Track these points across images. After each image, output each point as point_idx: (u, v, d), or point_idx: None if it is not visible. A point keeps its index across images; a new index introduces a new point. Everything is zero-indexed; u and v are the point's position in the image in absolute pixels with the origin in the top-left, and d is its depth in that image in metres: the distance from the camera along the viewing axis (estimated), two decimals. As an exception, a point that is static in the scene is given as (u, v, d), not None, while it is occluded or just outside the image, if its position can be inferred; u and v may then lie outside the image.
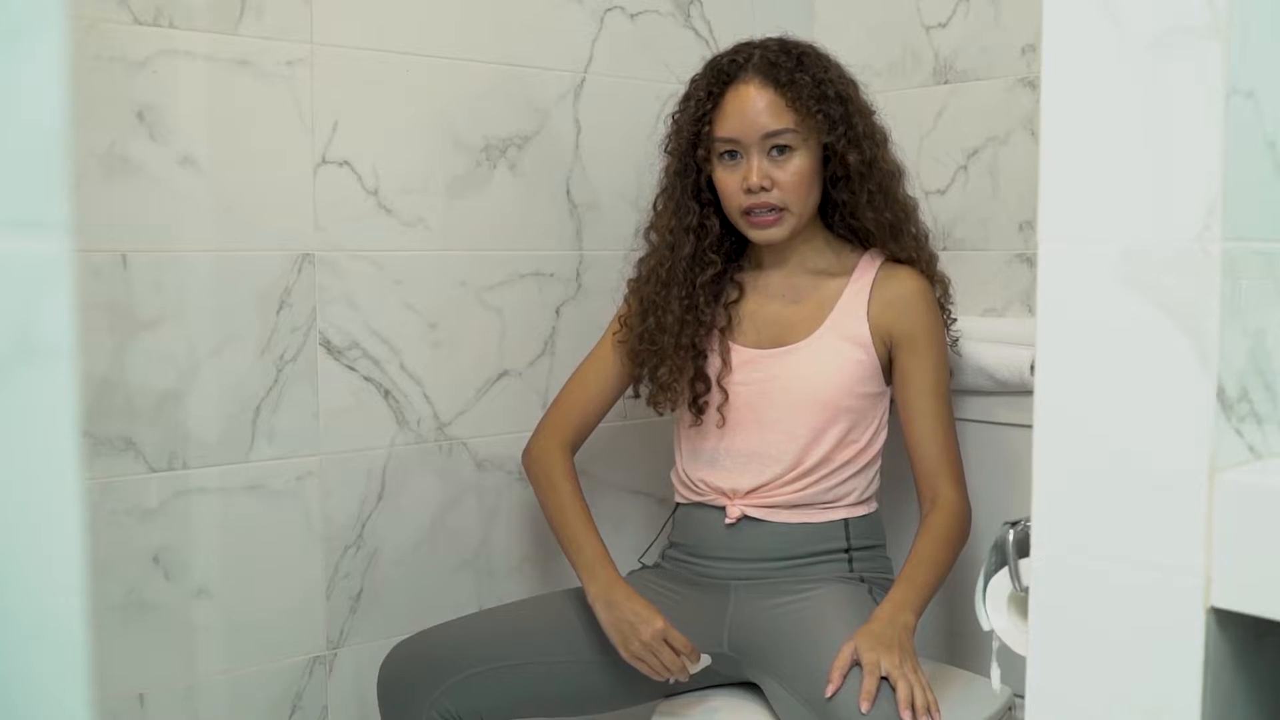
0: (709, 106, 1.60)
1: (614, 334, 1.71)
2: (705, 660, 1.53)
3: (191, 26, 1.51)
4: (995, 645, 1.07)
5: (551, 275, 1.88)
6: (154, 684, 1.55)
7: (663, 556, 1.73)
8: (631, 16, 1.92)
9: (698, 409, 1.63)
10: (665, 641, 1.49)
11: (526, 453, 1.72)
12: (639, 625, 1.49)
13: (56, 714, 0.44)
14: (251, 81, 1.57)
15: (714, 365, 1.64)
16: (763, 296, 1.67)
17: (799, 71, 1.57)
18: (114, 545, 1.50)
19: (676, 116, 1.66)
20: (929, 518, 1.57)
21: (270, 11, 1.57)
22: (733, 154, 1.59)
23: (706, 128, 1.60)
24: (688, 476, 1.67)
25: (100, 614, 1.48)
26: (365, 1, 1.66)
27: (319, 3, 1.61)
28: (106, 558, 1.49)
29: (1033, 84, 1.84)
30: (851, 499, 1.62)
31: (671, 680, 1.52)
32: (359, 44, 1.66)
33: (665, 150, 1.68)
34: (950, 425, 1.62)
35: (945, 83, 1.96)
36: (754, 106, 1.56)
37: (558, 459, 1.67)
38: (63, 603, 0.44)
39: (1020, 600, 1.02)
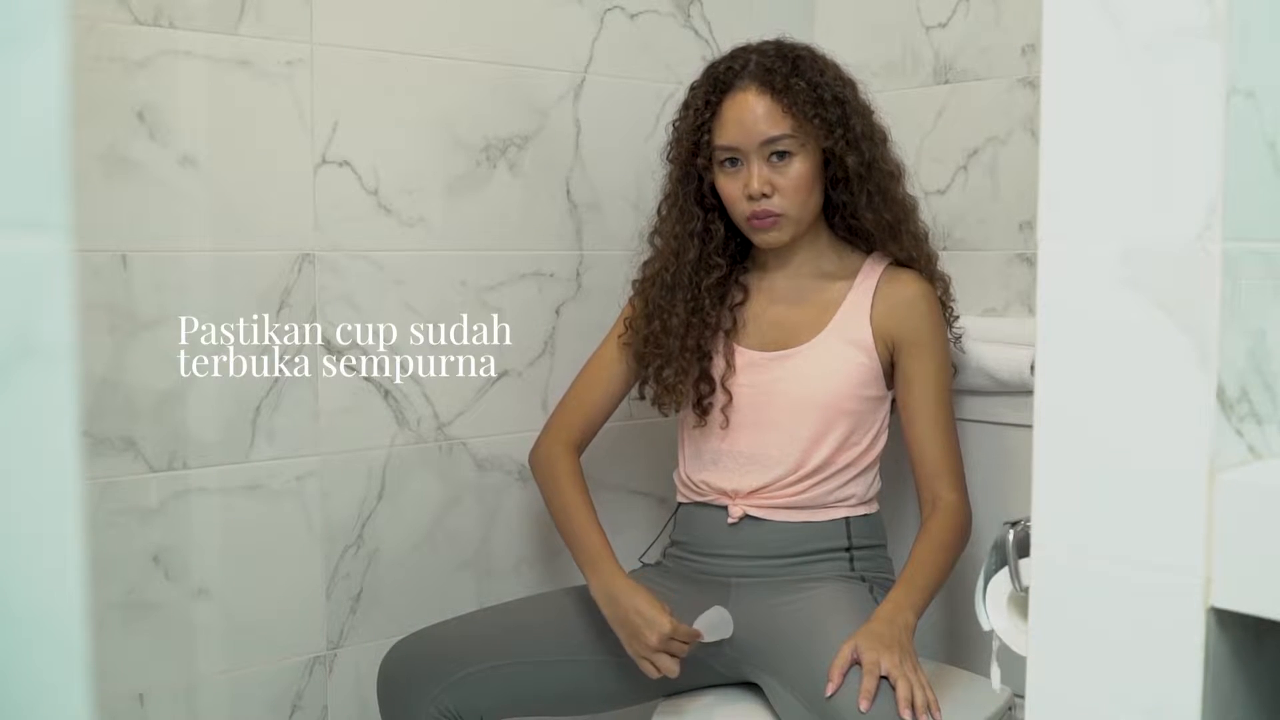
0: (707, 115, 1.60)
1: (619, 336, 1.72)
2: (725, 628, 1.53)
3: (191, 26, 1.51)
4: (995, 645, 1.07)
5: (551, 275, 1.88)
6: (154, 684, 1.55)
7: (664, 555, 1.73)
8: (631, 16, 1.92)
9: (702, 410, 1.64)
10: (673, 644, 1.48)
11: (532, 454, 1.73)
12: (644, 630, 1.49)
13: (56, 714, 0.44)
14: (251, 81, 1.57)
15: (718, 367, 1.64)
16: (767, 299, 1.68)
17: (795, 76, 1.57)
18: (114, 545, 1.50)
19: (676, 125, 1.67)
20: (930, 520, 1.58)
21: (270, 11, 1.57)
22: (733, 161, 1.59)
23: (706, 136, 1.60)
24: (690, 478, 1.67)
25: (100, 614, 1.48)
26: (365, 1, 1.66)
27: (319, 3, 1.61)
28: (106, 558, 1.49)
29: (1033, 84, 1.84)
30: (853, 501, 1.62)
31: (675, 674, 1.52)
32: (359, 44, 1.66)
33: (666, 159, 1.69)
34: (951, 429, 1.62)
35: (945, 83, 1.96)
36: (752, 114, 1.56)
37: (563, 458, 1.68)
38: (63, 603, 0.44)
39: (1020, 600, 1.02)
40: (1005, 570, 1.02)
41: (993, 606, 1.04)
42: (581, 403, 1.71)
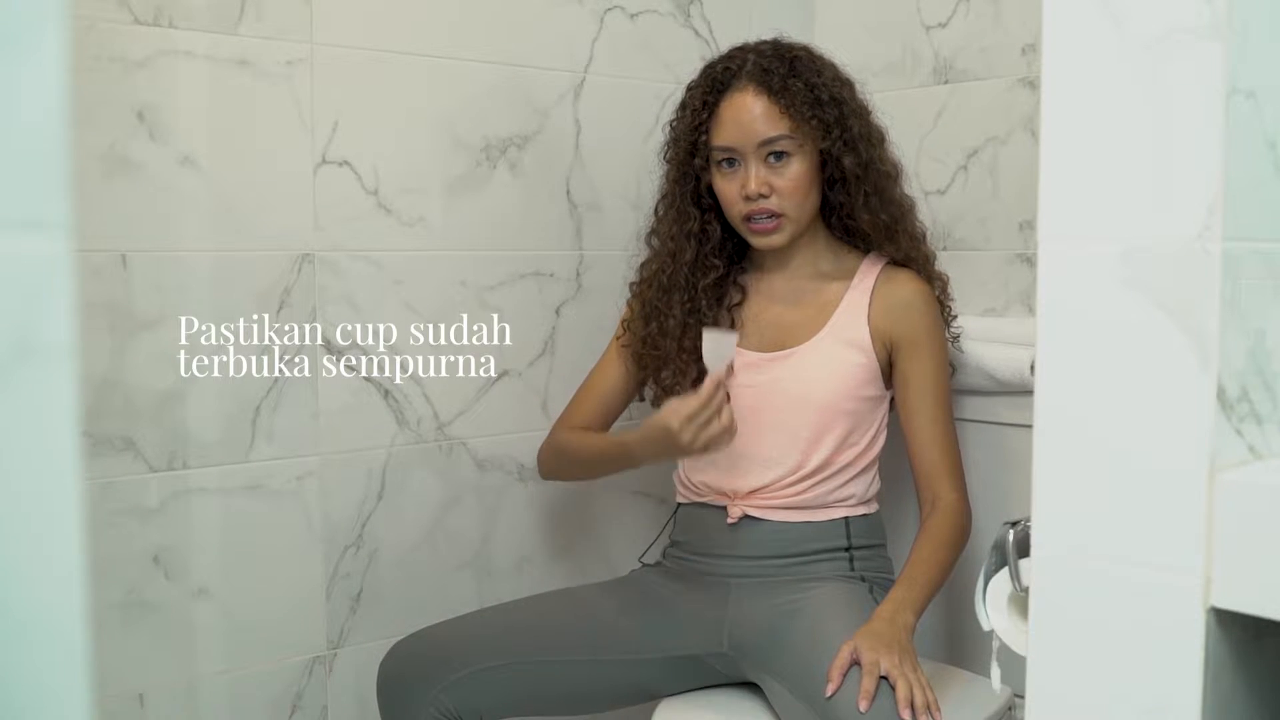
0: (705, 115, 1.60)
1: (618, 339, 1.72)
2: (727, 344, 1.50)
3: (191, 26, 1.51)
4: (995, 645, 1.07)
5: (551, 275, 1.88)
6: (154, 684, 1.55)
7: (664, 555, 1.73)
8: (631, 16, 1.92)
9: (701, 410, 1.64)
10: (699, 413, 1.46)
11: (538, 456, 1.73)
12: (673, 443, 1.48)
13: (56, 714, 0.44)
14: (251, 81, 1.57)
15: (717, 367, 1.64)
16: (765, 299, 1.68)
17: (792, 77, 1.57)
18: (114, 545, 1.50)
19: (674, 125, 1.67)
20: (929, 520, 1.58)
21: (270, 11, 1.57)
22: (731, 161, 1.59)
23: (703, 137, 1.60)
24: (689, 479, 1.67)
25: (100, 614, 1.48)
26: (365, 1, 1.66)
27: (319, 3, 1.61)
28: (106, 558, 1.49)
29: (1033, 84, 1.84)
30: (852, 501, 1.62)
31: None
32: (359, 44, 1.66)
33: (664, 159, 1.69)
34: (950, 428, 1.62)
35: (945, 83, 1.96)
36: (749, 115, 1.56)
37: (559, 432, 1.71)
38: (63, 602, 0.44)
39: (1020, 600, 1.02)
40: (1005, 570, 1.02)
41: (993, 606, 1.04)
42: (585, 407, 1.72)
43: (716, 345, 1.50)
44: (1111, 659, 0.74)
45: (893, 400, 1.65)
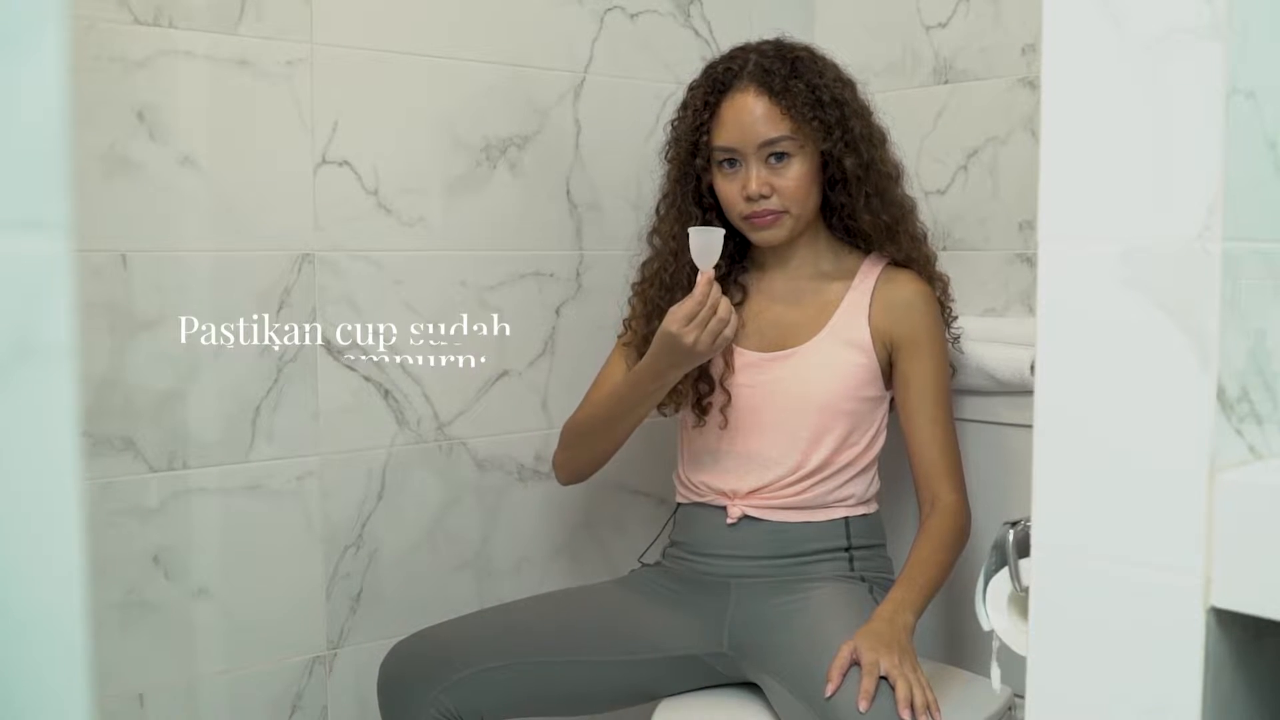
0: (706, 116, 1.60)
1: (619, 336, 1.72)
2: (713, 238, 1.46)
3: (191, 26, 1.51)
4: (995, 645, 1.07)
5: (551, 275, 1.88)
6: (154, 684, 1.55)
7: (664, 555, 1.73)
8: (631, 16, 1.92)
9: (701, 410, 1.64)
10: (696, 313, 1.44)
11: (554, 462, 1.73)
12: (680, 349, 1.46)
13: (56, 714, 0.44)
14: (251, 81, 1.57)
15: (717, 367, 1.64)
16: (766, 299, 1.68)
17: (793, 78, 1.57)
18: (114, 545, 1.50)
19: (675, 125, 1.67)
20: (929, 520, 1.58)
21: (270, 11, 1.57)
22: (732, 162, 1.59)
23: (705, 137, 1.60)
24: (689, 479, 1.67)
25: (100, 614, 1.48)
26: (365, 1, 1.66)
27: (319, 3, 1.61)
28: (106, 558, 1.49)
29: (1033, 84, 1.84)
30: (852, 501, 1.62)
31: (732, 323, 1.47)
32: (359, 44, 1.66)
33: (665, 158, 1.69)
34: (950, 428, 1.62)
35: (945, 83, 1.96)
36: (750, 116, 1.56)
37: (574, 414, 1.70)
38: (63, 602, 0.44)
39: (1020, 600, 1.02)
40: (1005, 570, 1.02)
41: (993, 606, 1.04)
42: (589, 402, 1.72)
43: (703, 241, 1.48)
44: (1111, 659, 0.74)
45: (893, 400, 1.66)
